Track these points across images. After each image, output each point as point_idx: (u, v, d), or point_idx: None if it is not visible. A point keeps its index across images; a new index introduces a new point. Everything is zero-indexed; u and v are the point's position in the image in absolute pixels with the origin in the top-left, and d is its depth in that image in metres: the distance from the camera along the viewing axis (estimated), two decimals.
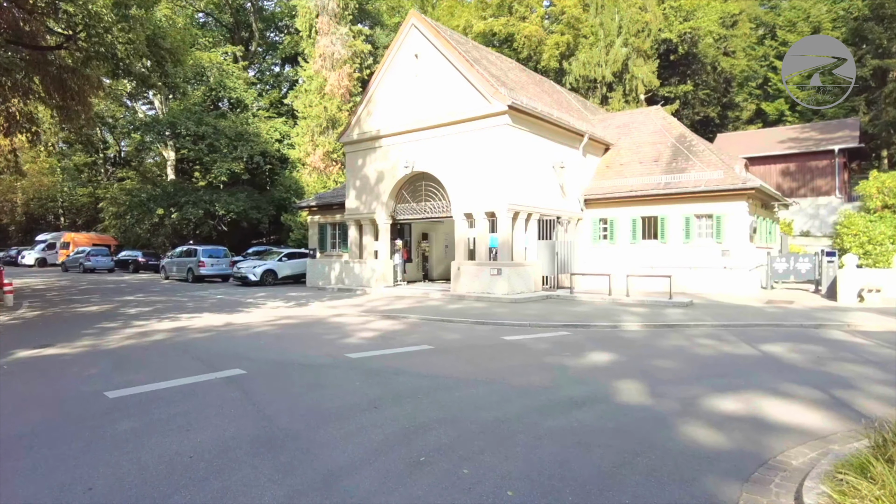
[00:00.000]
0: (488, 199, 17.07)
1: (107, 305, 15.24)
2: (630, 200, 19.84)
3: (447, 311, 13.97)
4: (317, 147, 38.70)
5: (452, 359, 8.20)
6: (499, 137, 16.92)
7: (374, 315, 13.29)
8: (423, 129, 18.58)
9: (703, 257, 18.48)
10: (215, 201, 36.45)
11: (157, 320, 12.03)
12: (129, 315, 13.03)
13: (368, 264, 20.38)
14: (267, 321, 12.16)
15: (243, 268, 23.42)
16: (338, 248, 23.08)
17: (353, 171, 21.15)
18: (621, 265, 19.51)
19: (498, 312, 13.45)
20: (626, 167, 21.24)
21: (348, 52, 40.26)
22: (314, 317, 13.09)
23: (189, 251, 25.70)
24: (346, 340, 9.68)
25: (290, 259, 24.72)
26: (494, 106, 16.75)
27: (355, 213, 21.00)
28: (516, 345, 9.51)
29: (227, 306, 15.31)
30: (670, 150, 20.77)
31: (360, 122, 20.76)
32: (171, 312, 13.62)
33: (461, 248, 17.92)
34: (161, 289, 21.79)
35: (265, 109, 45.47)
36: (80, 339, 9.57)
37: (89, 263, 32.88)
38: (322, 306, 15.31)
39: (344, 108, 39.08)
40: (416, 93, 18.93)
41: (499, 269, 16.75)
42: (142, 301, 16.66)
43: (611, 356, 8.54)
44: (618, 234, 20.28)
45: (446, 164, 18.08)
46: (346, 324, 11.85)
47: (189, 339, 9.62)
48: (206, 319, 12.33)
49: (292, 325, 11.69)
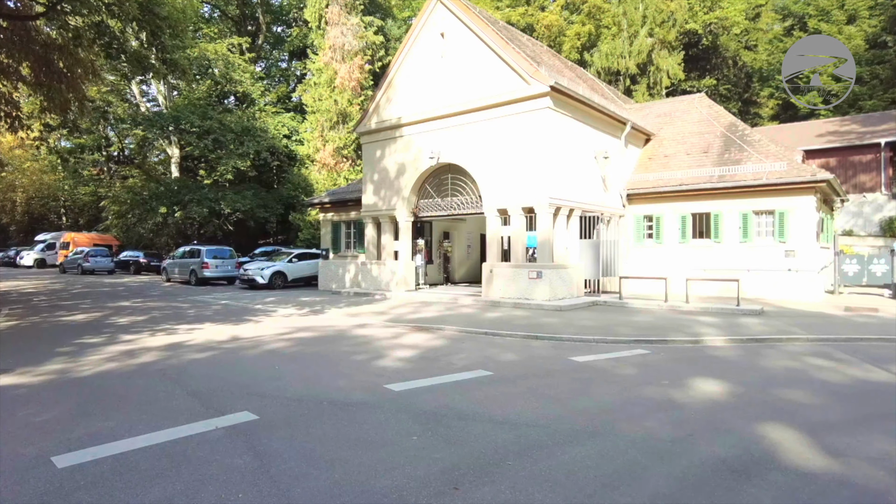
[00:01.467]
0: (526, 192, 15.14)
1: (96, 313, 13.40)
2: (678, 195, 17.86)
3: (486, 321, 12.05)
4: (326, 142, 36.89)
5: (524, 392, 6.28)
6: (539, 122, 14.98)
7: (403, 326, 11.39)
8: (451, 115, 16.67)
9: (763, 258, 16.48)
10: (221, 199, 34.67)
11: (150, 333, 10.16)
12: (119, 326, 11.17)
13: (388, 266, 18.48)
14: (279, 334, 10.27)
15: (250, 269, 21.57)
16: (353, 249, 21.19)
17: (370, 164, 19.26)
18: (668, 267, 17.58)
19: (547, 323, 11.52)
20: (672, 159, 19.26)
21: (359, 44, 38.45)
22: (334, 328, 11.19)
23: (192, 251, 23.85)
24: (380, 363, 7.77)
25: (301, 260, 22.87)
26: (534, 87, 14.82)
27: (373, 209, 19.11)
28: (593, 369, 7.58)
29: (232, 314, 13.44)
30: (721, 141, 18.78)
31: (378, 110, 18.87)
32: (167, 322, 11.76)
33: (493, 248, 15.99)
34: (161, 292, 19.96)
35: (272, 104, 43.68)
36: (49, 360, 7.70)
37: (88, 265, 31.14)
38: (341, 314, 13.42)
39: (355, 102, 37.29)
40: (443, 76, 17.02)
41: (539, 272, 14.81)
42: (137, 308, 14.82)
43: (720, 385, 6.64)
44: (664, 233, 18.30)
45: (477, 154, 16.16)
46: (374, 338, 9.95)
47: (185, 361, 7.73)
48: (207, 332, 10.45)
49: (310, 339, 9.79)
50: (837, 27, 39.84)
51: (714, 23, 42.06)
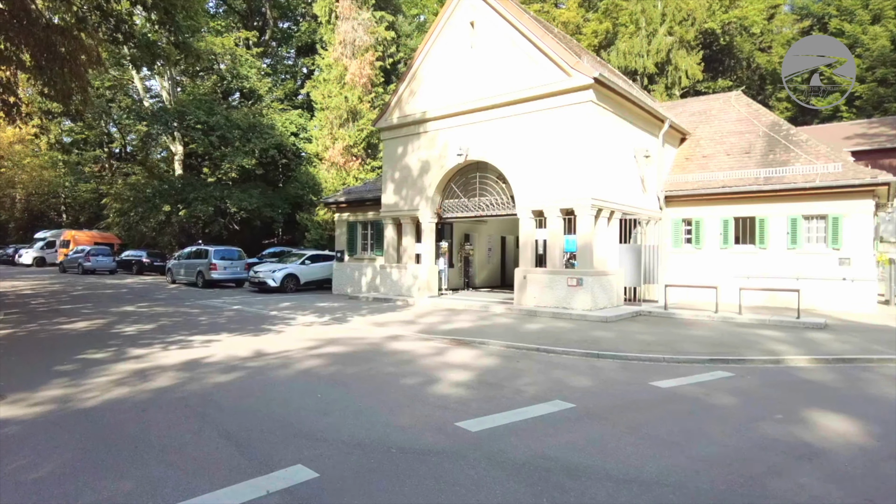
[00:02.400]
0: (565, 192, 14.01)
1: (99, 320, 12.25)
2: (720, 198, 16.73)
3: (530, 334, 10.92)
4: (336, 140, 35.76)
5: (627, 432, 5.14)
6: (580, 117, 13.87)
7: (441, 339, 10.26)
8: (481, 109, 15.55)
9: (814, 266, 15.35)
10: (226, 198, 33.52)
11: (162, 346, 9.02)
12: (125, 337, 10.02)
13: (409, 270, 17.34)
14: (307, 348, 9.13)
15: (261, 272, 20.43)
16: (370, 251, 20.04)
17: (391, 161, 18.13)
18: (708, 273, 16.51)
19: (601, 338, 10.39)
20: (711, 159, 18.14)
21: (371, 39, 37.35)
22: (365, 341, 10.05)
23: (199, 252, 22.69)
24: (436, 389, 6.63)
25: (314, 262, 21.74)
26: (576, 79, 13.70)
27: (393, 209, 17.97)
28: (684, 398, 6.46)
29: (248, 322, 12.30)
30: (764, 141, 17.66)
31: (401, 104, 17.74)
32: (180, 332, 10.62)
33: (527, 253, 14.86)
34: (167, 296, 18.81)
35: (279, 101, 42.54)
36: (47, 382, 6.56)
37: (89, 264, 29.96)
38: (366, 323, 12.29)
39: (365, 99, 36.23)
40: (472, 67, 15.90)
41: (579, 279, 13.69)
42: (143, 314, 13.67)
43: (849, 422, 5.57)
44: (704, 237, 17.16)
45: (509, 151, 15.04)
46: (414, 355, 8.81)
47: (208, 386, 6.58)
48: (226, 345, 9.32)
49: (345, 356, 8.65)
50: (862, 27, 38.73)
51: (732, 22, 41.01)
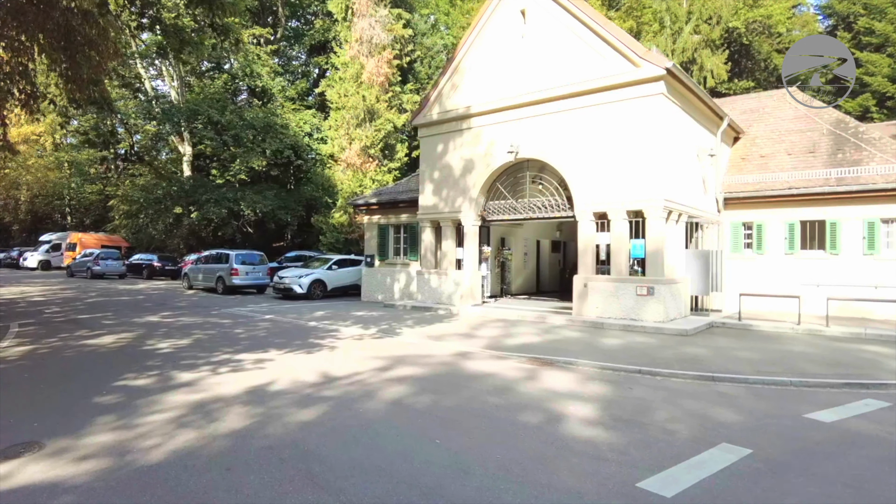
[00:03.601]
0: (632, 192, 12.83)
1: (126, 333, 11.03)
2: (785, 200, 15.54)
3: (614, 351, 9.71)
4: (352, 141, 34.62)
5: (845, 492, 3.94)
6: (650, 111, 12.69)
7: (517, 357, 9.04)
8: (533, 102, 14.38)
9: (894, 273, 14.17)
10: (240, 200, 32.34)
11: (211, 369, 7.79)
12: (163, 355, 8.80)
13: (451, 276, 16.13)
14: (377, 369, 7.90)
15: (287, 278, 19.22)
16: (403, 256, 18.84)
17: (430, 160, 16.94)
18: (771, 281, 15.34)
19: (697, 355, 9.19)
20: (770, 159, 16.96)
21: (388, 37, 36.27)
22: (434, 359, 8.83)
23: (219, 256, 21.46)
24: (569, 430, 5.41)
25: (340, 267, 20.53)
26: (645, 70, 12.53)
27: (432, 211, 16.77)
28: (867, 438, 5.25)
29: (292, 336, 11.08)
30: (830, 139, 16.49)
31: (441, 99, 16.57)
32: (222, 349, 9.40)
33: (587, 258, 13.65)
34: (188, 303, 17.59)
35: (292, 101, 41.40)
36: (90, 423, 5.32)
37: (98, 268, 28.74)
38: (419, 336, 11.07)
39: (382, 99, 35.12)
40: (523, 59, 14.74)
41: (650, 288, 12.48)
42: (171, 325, 12.46)
43: None
44: (767, 242, 15.97)
45: (567, 148, 13.85)
46: (502, 378, 7.59)
47: (292, 427, 5.32)
48: (283, 366, 8.10)
49: (425, 380, 7.43)
50: (893, 25, 37.63)
51: (758, 20, 39.97)
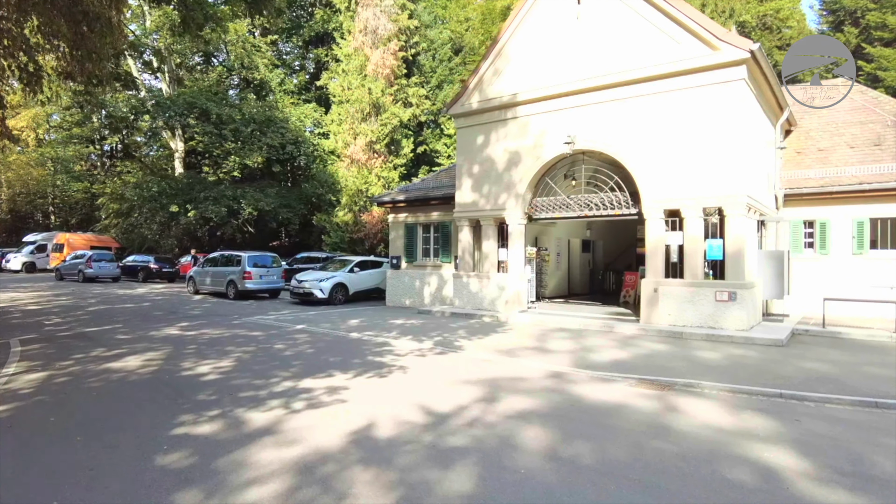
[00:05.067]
0: (710, 187, 11.63)
1: (150, 352, 9.52)
2: (852, 197, 14.51)
3: (720, 367, 8.47)
4: (357, 136, 33.17)
5: None
6: (730, 99, 11.49)
7: (624, 379, 7.75)
8: (592, 89, 13.11)
9: None
10: (240, 197, 30.65)
11: (280, 402, 6.35)
12: (211, 384, 7.32)
13: (494, 280, 14.81)
14: (479, 400, 6.55)
15: (307, 281, 17.74)
16: (434, 257, 17.47)
17: (468, 153, 15.59)
18: (836, 282, 14.35)
19: (820, 371, 7.99)
20: (830, 153, 15.92)
21: (394, 28, 34.86)
22: (538, 385, 7.48)
23: (229, 258, 19.86)
24: (802, 491, 4.13)
25: (363, 269, 19.10)
26: (725, 54, 11.33)
27: (471, 209, 15.43)
28: None
29: (346, 352, 9.66)
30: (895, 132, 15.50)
31: (481, 86, 15.22)
32: (276, 372, 7.96)
33: (656, 260, 12.41)
34: (201, 311, 16.03)
35: (290, 94, 39.71)
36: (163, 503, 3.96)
37: (91, 271, 26.89)
38: (486, 350, 9.72)
39: (388, 92, 33.69)
40: (578, 42, 13.46)
41: (732, 293, 11.30)
42: (198, 339, 10.96)
43: None
44: (832, 242, 14.93)
45: (632, 138, 12.61)
46: (638, 411, 6.29)
47: (452, 500, 4.03)
48: (366, 397, 6.71)
49: (556, 416, 6.09)
50: None
51: (769, 14, 39.23)
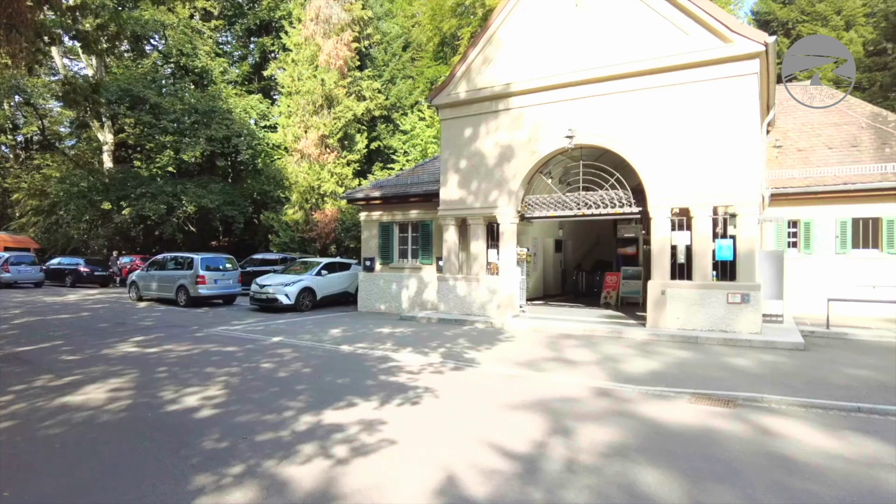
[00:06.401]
0: (721, 185, 11.16)
1: (115, 381, 7.82)
2: (835, 197, 14.62)
3: (762, 375, 7.88)
4: (308, 129, 31.42)
5: None
6: (742, 93, 11.06)
7: (675, 393, 6.97)
8: (594, 80, 12.39)
9: None
10: (181, 194, 28.17)
11: (315, 449, 5.03)
12: (209, 422, 5.86)
13: (484, 283, 13.85)
14: (551, 432, 5.51)
15: (270, 286, 16.09)
16: (413, 259, 16.29)
17: (454, 146, 14.53)
18: (820, 281, 14.50)
19: (873, 380, 7.55)
20: (810, 153, 16.05)
21: (347, 17, 33.33)
22: (598, 407, 6.55)
23: (179, 261, 17.78)
24: None
25: (331, 272, 17.62)
26: (738, 46, 10.87)
27: (458, 207, 14.39)
28: None
29: (349, 372, 8.36)
30: (871, 133, 15.80)
31: (469, 74, 14.21)
32: (282, 401, 6.61)
33: (662, 261, 11.84)
34: (156, 322, 14.10)
35: (233, 85, 37.18)
36: None
37: (8, 275, 23.77)
38: (507, 364, 8.72)
39: (341, 84, 32.12)
40: (577, 31, 12.71)
41: (744, 295, 10.87)
42: (166, 359, 9.31)
43: None
44: (815, 241, 15.00)
45: (637, 133, 11.98)
46: (754, 444, 5.42)
47: None
48: (417, 436, 5.52)
49: (660, 453, 5.12)
50: (836, 32, 39.21)
51: None
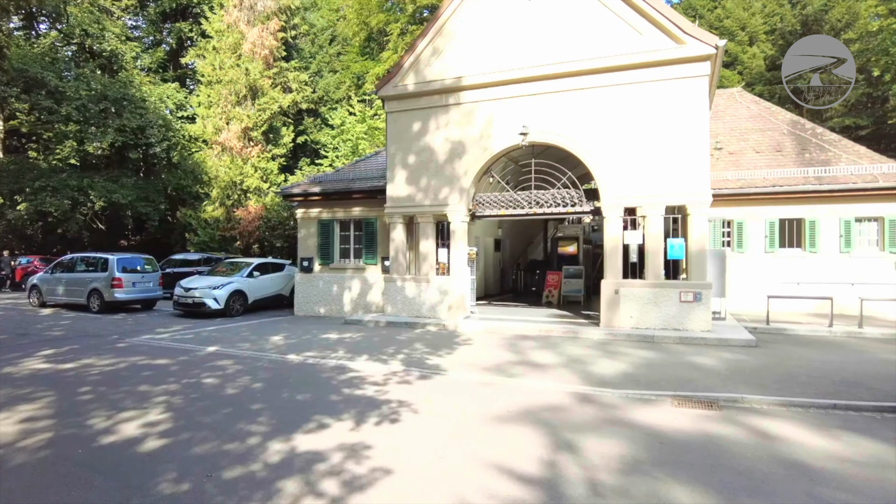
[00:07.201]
0: (673, 185, 11.25)
1: (27, 407, 6.46)
2: (764, 198, 15.35)
3: (730, 374, 7.90)
4: (231, 121, 29.63)
5: None
6: (693, 94, 11.21)
7: (656, 396, 6.78)
8: (547, 77, 12.16)
9: (869, 271, 14.57)
10: (89, 188, 25.51)
11: (298, 483, 4.13)
12: (153, 455, 4.80)
13: (434, 284, 13.29)
14: (554, 444, 5.02)
15: (197, 289, 14.67)
16: (356, 258, 15.43)
17: (402, 141, 13.86)
18: (752, 279, 15.22)
19: (833, 375, 7.74)
20: (740, 156, 16.78)
21: (274, 5, 31.77)
22: (587, 416, 6.16)
23: (91, 262, 15.80)
24: None
25: (263, 273, 16.39)
26: (691, 48, 11.01)
27: (406, 204, 13.74)
28: None
29: (309, 387, 7.49)
30: (792, 139, 16.74)
31: (418, 66, 13.59)
32: (241, 425, 5.71)
33: (614, 261, 11.80)
34: (65, 331, 12.36)
35: (147, 72, 34.38)
36: None
37: None
38: (473, 369, 8.22)
39: (266, 74, 30.55)
40: (530, 26, 12.45)
41: (696, 294, 11.02)
42: (87, 376, 7.98)
43: None
44: (748, 241, 15.68)
45: (591, 132, 11.88)
46: (759, 450, 5.20)
47: None
48: (417, 467, 4.76)
49: (686, 465, 4.74)
50: (741, 47, 42.08)
51: None
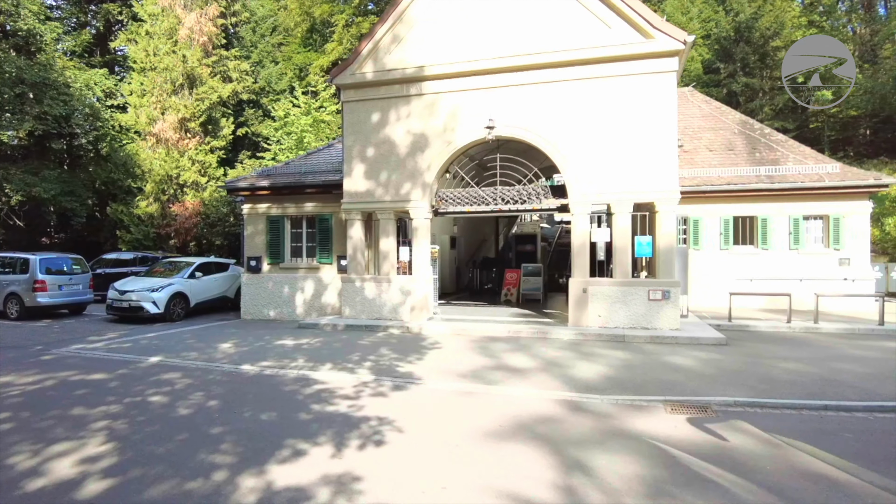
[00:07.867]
0: (642, 182, 11.08)
1: None
2: (720, 196, 15.60)
3: (710, 376, 7.73)
4: (166, 111, 27.86)
5: None
6: (662, 90, 11.05)
7: (647, 402, 6.45)
8: (513, 69, 11.73)
9: (816, 267, 15.08)
10: (4, 181, 23.14)
11: None
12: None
13: (395, 284, 12.62)
14: (560, 465, 4.51)
15: (134, 291, 13.36)
16: (309, 257, 14.51)
17: (360, 133, 13.07)
18: (708, 275, 15.52)
19: (808, 373, 7.71)
20: (694, 154, 17.01)
21: None
22: (583, 428, 5.68)
23: (9, 262, 14.02)
24: None
25: (206, 274, 15.20)
26: (659, 43, 10.85)
27: (365, 200, 12.98)
28: None
29: (268, 400, 6.67)
30: (742, 139, 17.13)
31: (377, 53, 12.84)
32: (203, 455, 4.84)
33: (582, 259, 11.53)
34: None
35: (71, 56, 31.72)
36: None
37: None
38: (451, 377, 7.66)
39: (205, 62, 28.91)
40: (496, 15, 11.98)
41: (665, 292, 10.91)
42: (6, 398, 6.92)
43: None
44: (703, 238, 15.89)
45: (558, 126, 11.54)
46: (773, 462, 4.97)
47: None
48: (411, 495, 4.27)
49: (720, 490, 4.41)
50: None
51: None
